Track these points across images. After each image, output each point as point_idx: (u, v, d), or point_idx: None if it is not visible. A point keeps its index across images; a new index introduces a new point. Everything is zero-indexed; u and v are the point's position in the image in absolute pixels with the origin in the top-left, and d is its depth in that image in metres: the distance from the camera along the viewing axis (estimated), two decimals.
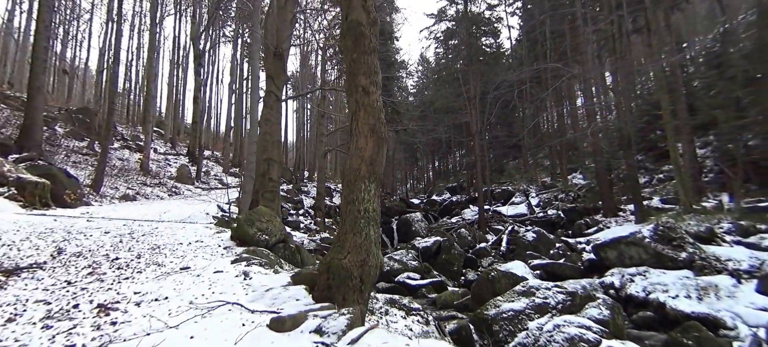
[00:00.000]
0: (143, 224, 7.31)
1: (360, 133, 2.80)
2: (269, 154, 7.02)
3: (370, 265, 2.66)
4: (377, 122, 2.84)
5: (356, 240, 2.63)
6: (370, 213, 2.71)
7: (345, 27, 3.02)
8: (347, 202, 2.74)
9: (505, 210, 18.50)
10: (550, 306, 4.32)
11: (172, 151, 24.21)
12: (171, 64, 29.59)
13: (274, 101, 7.03)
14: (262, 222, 5.13)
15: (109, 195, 13.83)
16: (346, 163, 2.82)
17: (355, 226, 2.65)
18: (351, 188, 2.72)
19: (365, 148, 2.77)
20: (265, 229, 5.09)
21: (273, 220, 5.32)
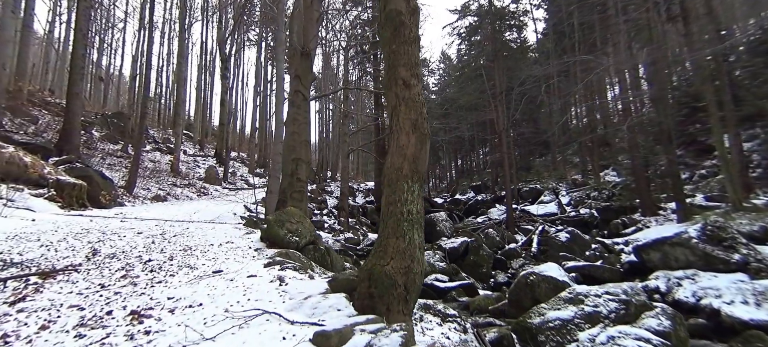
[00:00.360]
0: (174, 225, 7.36)
1: (401, 129, 2.57)
2: (297, 154, 6.90)
3: (415, 272, 2.43)
4: (419, 117, 2.60)
5: (399, 245, 2.40)
6: (414, 215, 2.48)
7: (383, 17, 2.80)
8: (389, 203, 2.51)
9: (533, 209, 17.86)
10: (602, 315, 3.96)
11: (201, 152, 24.77)
12: (199, 69, 30.33)
13: (301, 101, 6.91)
14: (292, 224, 4.99)
15: (142, 195, 14.20)
16: (387, 161, 2.60)
17: (397, 229, 2.42)
18: (393, 188, 2.49)
19: (407, 146, 2.54)
20: (295, 231, 4.95)
21: (303, 221, 5.17)
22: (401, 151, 2.52)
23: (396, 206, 2.45)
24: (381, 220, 2.59)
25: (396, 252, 2.39)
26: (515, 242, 13.82)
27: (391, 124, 2.63)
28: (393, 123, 2.61)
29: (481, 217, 19.58)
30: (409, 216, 2.44)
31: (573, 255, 10.72)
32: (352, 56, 19.72)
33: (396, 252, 2.39)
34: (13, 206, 7.82)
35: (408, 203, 2.45)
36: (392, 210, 2.46)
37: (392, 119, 2.63)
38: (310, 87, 7.56)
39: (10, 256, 4.37)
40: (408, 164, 2.50)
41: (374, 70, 22.04)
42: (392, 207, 2.46)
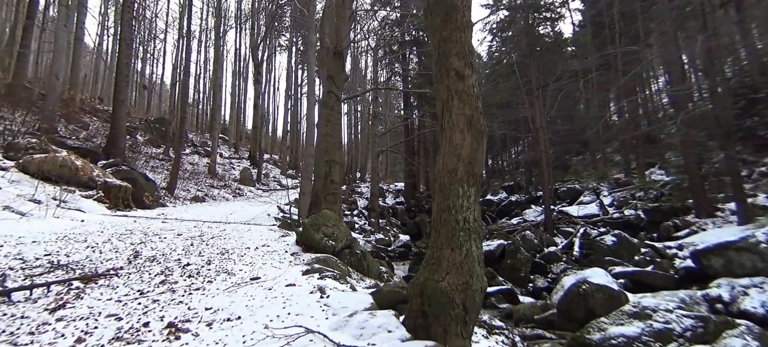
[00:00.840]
0: (212, 226, 7.40)
1: (455, 127, 2.25)
2: (331, 155, 6.74)
3: (475, 290, 2.11)
4: (475, 112, 2.28)
5: (455, 258, 2.09)
6: (471, 223, 2.16)
7: (432, 2, 2.50)
8: (441, 210, 2.20)
9: (572, 210, 16.90)
10: (675, 333, 3.47)
11: (236, 155, 25.42)
12: (233, 75, 31.20)
13: (334, 102, 6.74)
14: (328, 227, 4.80)
15: (182, 196, 14.63)
16: (437, 163, 2.29)
17: (452, 240, 2.11)
18: (445, 193, 2.18)
19: (461, 145, 2.22)
20: (332, 234, 4.75)
21: (338, 225, 4.96)
22: (455, 151, 2.21)
23: (449, 213, 2.14)
24: (432, 229, 2.29)
25: (452, 266, 2.08)
26: (555, 245, 13.08)
27: (442, 121, 2.32)
28: (444, 120, 2.30)
29: (516, 219, 18.80)
30: (465, 225, 2.13)
31: (620, 259, 9.92)
32: (380, 57, 19.52)
33: (452, 265, 2.08)
34: (65, 207, 8.16)
35: (463, 210, 2.14)
36: (445, 219, 2.15)
37: (443, 116, 2.31)
38: (342, 87, 7.39)
39: (58, 258, 4.44)
40: (463, 166, 2.18)
41: (403, 70, 21.77)
42: (445, 215, 2.15)
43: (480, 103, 2.34)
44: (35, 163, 9.44)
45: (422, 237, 17.79)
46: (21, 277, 3.58)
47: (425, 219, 20.00)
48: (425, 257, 2.32)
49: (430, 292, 2.09)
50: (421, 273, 2.25)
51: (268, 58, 26.78)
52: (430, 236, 2.29)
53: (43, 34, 20.07)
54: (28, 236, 5.34)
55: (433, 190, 2.33)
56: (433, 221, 2.30)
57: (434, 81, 2.46)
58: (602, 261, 10.16)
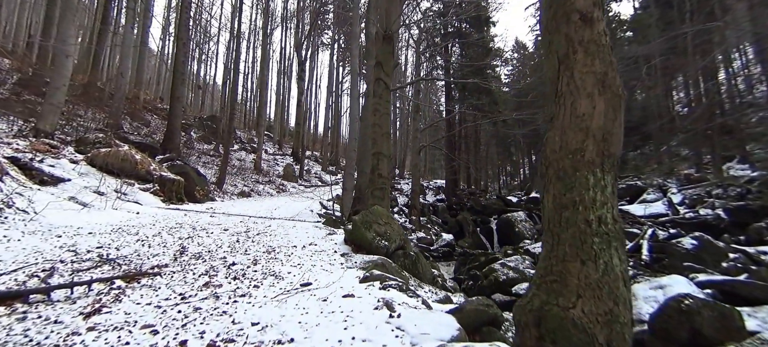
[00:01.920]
0: (257, 221, 7.17)
1: (579, 90, 1.58)
2: (378, 147, 6.22)
3: (623, 322, 1.44)
4: (609, 69, 1.58)
5: (589, 275, 1.43)
6: (609, 225, 1.49)
7: None
8: (561, 207, 1.56)
9: (633, 209, 15.25)
10: None
11: (280, 151, 25.82)
12: (278, 74, 31.80)
13: (383, 90, 6.22)
14: (379, 226, 4.27)
15: (230, 191, 14.87)
16: (550, 141, 1.63)
17: (583, 249, 1.45)
18: (567, 183, 1.52)
19: (591, 115, 1.57)
20: (384, 234, 4.22)
21: (391, 223, 4.42)
22: (580, 123, 1.54)
23: (576, 210, 1.48)
24: (546, 232, 1.64)
25: (585, 287, 1.42)
26: None
27: (558, 84, 1.64)
28: (562, 82, 1.63)
29: None
30: (600, 228, 1.46)
31: (703, 266, 8.55)
32: (423, 50, 18.79)
33: (585, 286, 1.42)
34: (125, 199, 8.33)
35: (597, 207, 1.47)
36: (569, 218, 1.50)
37: (560, 77, 1.64)
38: (392, 75, 6.83)
39: (108, 251, 4.27)
40: (594, 144, 1.51)
41: (445, 62, 20.87)
42: (569, 214, 1.50)
43: (614, 59, 1.64)
44: (101, 157, 9.79)
45: (465, 237, 16.92)
46: (68, 271, 3.38)
47: (467, 217, 19.04)
48: (537, 271, 1.68)
49: (553, 324, 1.44)
50: (533, 295, 1.60)
51: (312, 55, 26.95)
52: (543, 242, 1.66)
53: (115, 38, 21.42)
54: (86, 227, 5.32)
55: (545, 178, 1.68)
56: (546, 221, 1.65)
57: (545, 32, 1.81)
58: (680, 267, 8.83)
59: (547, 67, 1.77)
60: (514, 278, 8.80)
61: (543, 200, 1.67)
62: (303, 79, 23.59)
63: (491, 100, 19.77)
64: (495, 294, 8.31)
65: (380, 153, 6.19)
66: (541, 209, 1.76)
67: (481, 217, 19.86)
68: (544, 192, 1.65)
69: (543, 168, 1.66)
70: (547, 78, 1.74)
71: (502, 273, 9.01)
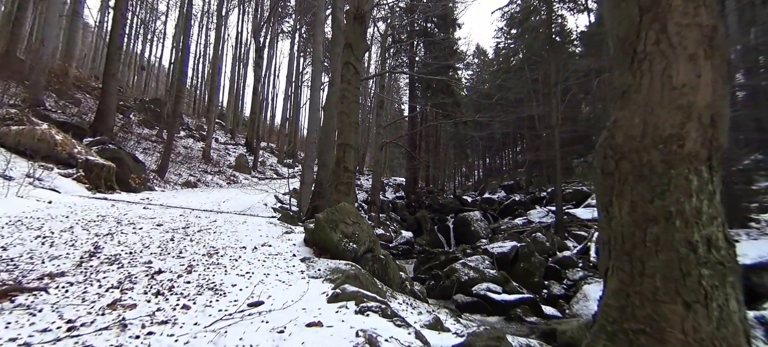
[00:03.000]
0: (201, 215, 6.19)
1: (676, 50, 1.10)
2: (345, 138, 5.56)
3: None
4: (719, 23, 1.08)
5: (700, 326, 0.87)
6: (722, 251, 0.99)
7: None
8: (646, 220, 1.00)
9: (580, 213, 15.92)
10: None
11: (232, 141, 24.03)
12: (233, 60, 29.70)
13: (352, 75, 5.56)
14: (347, 225, 3.64)
15: (173, 180, 13.34)
16: (624, 123, 1.08)
17: (686, 284, 0.90)
18: (655, 185, 0.96)
19: (694, 86, 1.09)
20: (352, 235, 3.60)
21: (360, 222, 3.81)
22: (678, 98, 1.01)
23: (670, 228, 0.91)
24: (617, 252, 1.09)
25: (695, 344, 0.91)
26: (567, 249, 12.07)
27: (638, 41, 1.09)
28: (646, 38, 1.06)
29: (520, 219, 17.77)
30: (711, 255, 0.92)
31: None
32: (389, 45, 18.27)
33: (694, 342, 0.91)
34: (40, 185, 6.95)
35: (704, 222, 0.92)
36: (661, 238, 0.92)
37: (642, 30, 1.08)
38: (362, 59, 6.19)
39: None
40: (698, 128, 0.99)
41: (410, 60, 20.54)
42: (659, 230, 0.92)
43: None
44: (12, 136, 8.25)
45: (423, 234, 16.75)
46: None
47: (426, 215, 18.91)
48: (604, 310, 1.14)
49: None
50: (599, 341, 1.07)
51: (270, 42, 25.35)
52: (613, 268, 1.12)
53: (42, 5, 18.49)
54: None
55: (616, 177, 1.12)
56: (618, 238, 1.10)
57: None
58: None
59: (613, 20, 1.25)
60: (474, 278, 8.55)
61: (607, 208, 1.15)
62: (260, 66, 22.07)
63: (454, 101, 19.77)
64: (457, 294, 8.00)
65: (347, 144, 5.54)
66: (603, 220, 1.24)
67: (438, 216, 19.83)
68: (612, 197, 1.12)
69: (607, 162, 1.14)
70: (612, 36, 1.23)
71: (463, 273, 8.72)
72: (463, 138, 30.50)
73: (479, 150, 36.43)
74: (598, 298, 5.45)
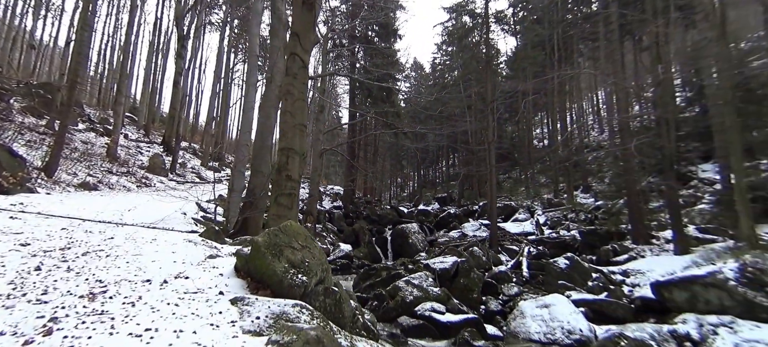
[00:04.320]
0: (94, 229, 4.77)
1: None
2: (288, 141, 4.71)
3: None
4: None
5: None
6: None
7: None
8: None
9: (509, 227, 16.75)
10: None
11: (146, 139, 20.93)
12: (150, 49, 26.26)
13: (299, 68, 4.75)
14: (295, 251, 2.86)
15: (65, 181, 10.88)
16: None
17: None
18: None
19: None
20: (301, 263, 2.83)
21: (311, 246, 3.05)
22: None
23: None
24: None
25: None
26: (501, 263, 12.40)
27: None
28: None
29: (454, 232, 18.10)
30: None
31: (573, 284, 9.35)
32: (330, 48, 17.52)
33: None
34: None
35: None
36: None
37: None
38: (311, 51, 5.40)
39: None
40: None
41: (351, 65, 19.99)
42: None
43: None
44: None
45: (360, 246, 16.14)
46: None
47: (364, 226, 18.34)
48: None
49: None
50: None
51: (196, 32, 22.81)
52: None
53: None
54: None
55: None
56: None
57: None
58: (555, 284, 9.53)
59: None
60: (418, 297, 8.12)
61: None
62: (183, 57, 19.63)
63: (395, 111, 19.65)
64: (401, 316, 7.47)
65: (291, 149, 4.69)
66: None
67: (376, 227, 19.39)
68: None
69: None
70: None
71: (408, 292, 8.24)
72: (399, 149, 30.76)
73: (415, 162, 37.20)
74: (533, 315, 5.27)
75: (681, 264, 8.52)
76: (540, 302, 7.61)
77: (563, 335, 6.82)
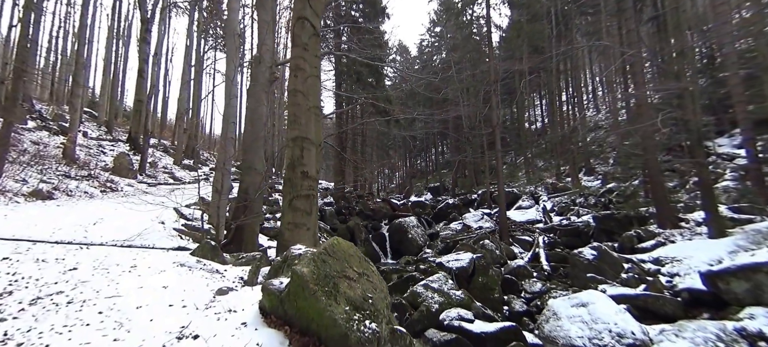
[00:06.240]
0: (49, 256, 3.66)
1: None
2: (303, 129, 3.77)
3: None
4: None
5: None
6: None
7: None
8: None
9: (513, 215, 16.27)
10: None
11: (108, 136, 19.18)
12: (109, 34, 24.16)
13: (310, 36, 3.80)
14: (351, 282, 2.00)
15: (13, 189, 9.46)
16: None
17: None
18: None
19: None
20: (365, 303, 1.96)
21: (368, 272, 2.19)
22: None
23: None
24: None
25: None
26: (515, 256, 11.84)
27: None
28: None
29: (456, 223, 17.50)
30: None
31: (603, 276, 8.80)
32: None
33: None
34: None
35: None
36: None
37: None
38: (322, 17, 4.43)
39: None
40: None
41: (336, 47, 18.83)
42: None
43: None
44: None
45: (357, 245, 15.27)
46: None
47: (359, 223, 17.46)
48: None
49: None
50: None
51: (161, 13, 21.00)
52: None
53: None
54: None
55: None
56: None
57: None
58: (582, 277, 8.95)
59: None
60: (441, 304, 7.36)
61: None
62: (147, 42, 17.95)
63: (385, 96, 18.69)
64: (428, 329, 6.67)
65: (305, 138, 3.75)
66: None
67: (371, 222, 18.55)
68: None
69: None
70: None
71: (430, 299, 7.43)
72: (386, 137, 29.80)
73: (402, 151, 36.37)
74: (570, 316, 4.43)
75: (724, 248, 7.99)
76: (574, 300, 6.91)
77: (613, 340, 6.10)
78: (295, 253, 2.70)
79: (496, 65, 14.05)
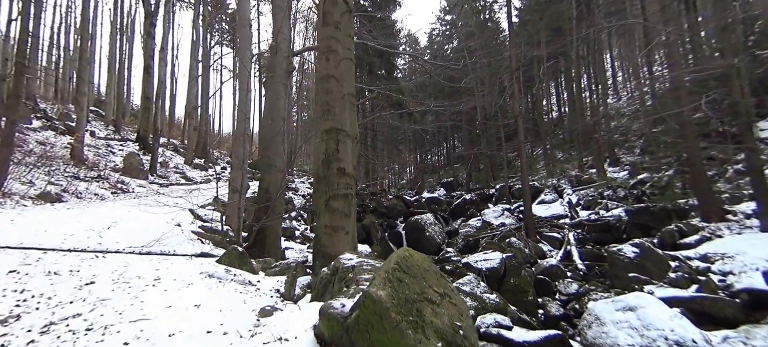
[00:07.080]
0: (62, 267, 3.31)
1: None
2: (336, 120, 3.36)
3: None
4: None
5: None
6: None
7: None
8: None
9: (536, 210, 15.71)
10: None
11: (116, 135, 19.04)
12: (112, 29, 24.00)
13: (342, 13, 3.38)
14: (435, 306, 1.61)
15: (19, 192, 9.25)
16: None
17: None
18: None
19: None
20: (455, 335, 1.58)
21: (449, 291, 1.80)
22: None
23: None
24: None
25: None
26: (545, 255, 11.33)
27: None
28: None
29: (475, 220, 16.99)
30: None
31: (648, 276, 8.23)
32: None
33: None
34: None
35: None
36: None
37: None
38: None
39: None
40: None
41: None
42: None
43: None
44: None
45: (373, 244, 14.92)
46: None
47: (374, 221, 17.08)
48: None
49: None
50: None
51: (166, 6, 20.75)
52: None
53: None
54: None
55: None
56: None
57: None
58: (624, 278, 8.38)
59: None
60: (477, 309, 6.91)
61: None
62: (152, 37, 17.72)
63: (398, 88, 18.21)
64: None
65: (340, 130, 3.35)
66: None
67: (386, 220, 18.17)
68: None
69: None
70: None
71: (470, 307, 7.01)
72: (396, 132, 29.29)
73: (412, 145, 35.82)
74: (616, 321, 3.83)
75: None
76: (619, 303, 6.37)
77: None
78: (346, 265, 2.31)
79: (516, 52, 13.43)
